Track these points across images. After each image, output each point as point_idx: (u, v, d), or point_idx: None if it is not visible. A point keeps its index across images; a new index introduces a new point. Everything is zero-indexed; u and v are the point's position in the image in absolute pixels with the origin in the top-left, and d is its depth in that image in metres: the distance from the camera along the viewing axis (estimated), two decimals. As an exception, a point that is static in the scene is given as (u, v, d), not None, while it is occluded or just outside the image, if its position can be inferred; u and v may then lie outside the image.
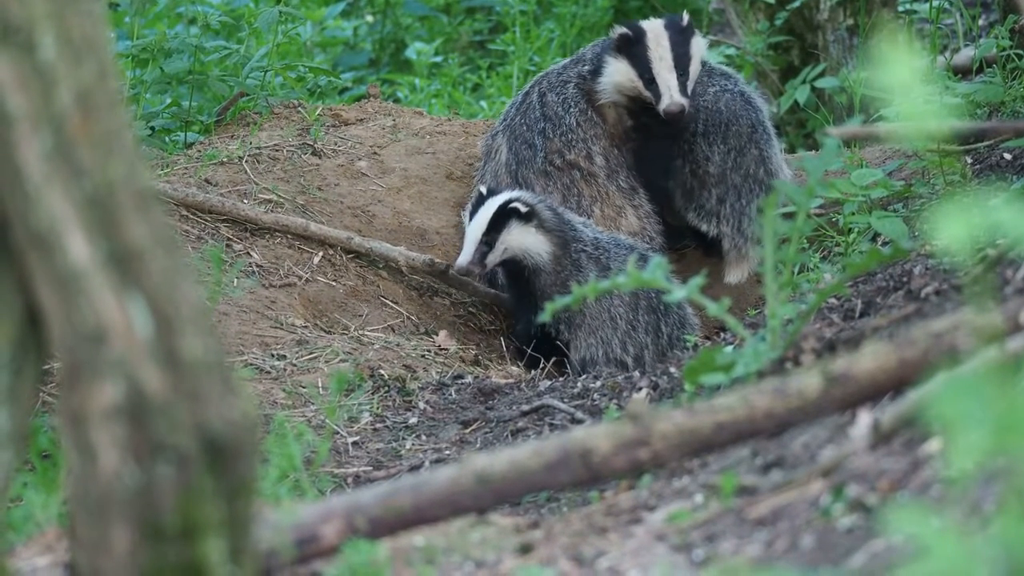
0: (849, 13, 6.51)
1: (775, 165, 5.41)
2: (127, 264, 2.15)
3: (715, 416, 2.64)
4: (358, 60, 7.99)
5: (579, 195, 5.40)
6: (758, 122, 5.42)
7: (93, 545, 2.18)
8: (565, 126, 5.43)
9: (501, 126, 5.52)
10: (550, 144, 5.42)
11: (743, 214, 5.43)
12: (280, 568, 2.49)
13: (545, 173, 5.40)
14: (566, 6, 7.53)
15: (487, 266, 4.98)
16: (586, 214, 5.33)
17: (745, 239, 5.44)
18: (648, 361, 4.93)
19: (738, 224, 5.43)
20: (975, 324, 2.76)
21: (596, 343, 4.99)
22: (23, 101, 2.13)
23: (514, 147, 5.44)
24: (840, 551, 2.36)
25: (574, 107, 5.45)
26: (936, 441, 2.58)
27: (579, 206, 5.37)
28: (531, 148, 5.41)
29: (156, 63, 5.68)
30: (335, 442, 4.12)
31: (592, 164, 5.43)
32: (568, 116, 5.43)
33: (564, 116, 5.44)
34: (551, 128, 5.43)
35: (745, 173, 5.42)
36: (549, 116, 5.45)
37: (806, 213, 3.39)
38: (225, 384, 2.19)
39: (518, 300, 5.11)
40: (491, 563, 2.67)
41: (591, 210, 5.38)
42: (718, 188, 5.44)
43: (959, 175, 4.90)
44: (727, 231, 5.45)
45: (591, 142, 5.44)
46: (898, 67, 1.77)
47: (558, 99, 5.47)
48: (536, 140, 5.42)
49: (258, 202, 5.29)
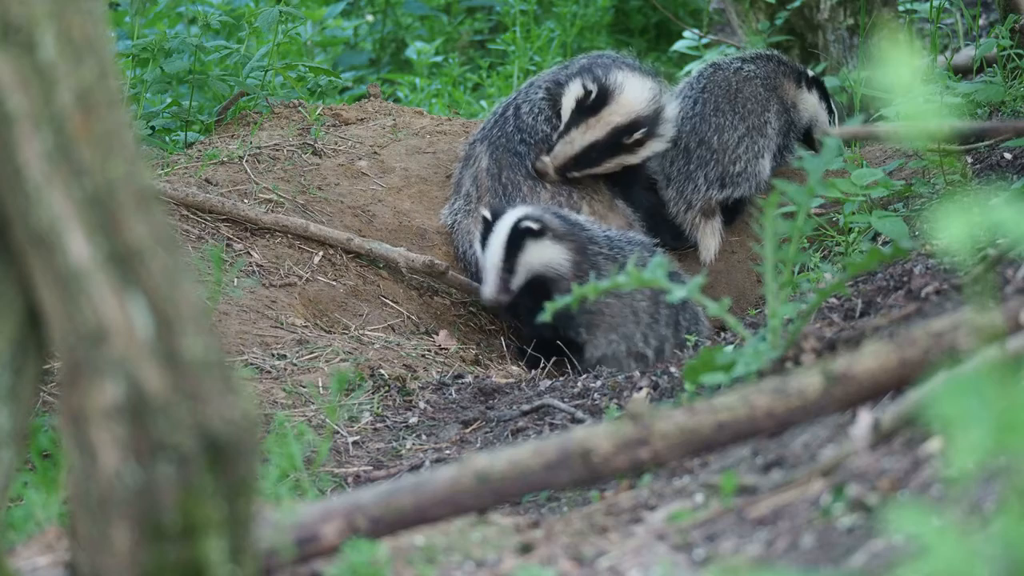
0: (849, 13, 6.51)
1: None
2: (127, 264, 2.15)
3: (715, 416, 2.64)
4: (358, 60, 7.98)
5: (568, 193, 5.39)
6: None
7: (94, 544, 2.18)
8: (542, 134, 5.43)
9: (480, 135, 5.53)
10: (533, 150, 5.42)
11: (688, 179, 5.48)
12: (280, 567, 2.49)
13: (531, 176, 5.39)
14: (566, 6, 7.53)
15: (513, 291, 4.95)
16: (575, 209, 5.32)
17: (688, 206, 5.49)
18: (668, 353, 4.93)
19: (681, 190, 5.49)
20: (975, 324, 2.76)
21: (618, 339, 4.98)
22: (23, 101, 2.13)
23: (495, 155, 5.43)
24: (840, 550, 2.36)
25: (542, 116, 5.45)
26: (936, 441, 2.59)
27: (569, 202, 5.35)
28: (516, 156, 5.41)
29: (156, 63, 5.67)
30: (335, 442, 4.12)
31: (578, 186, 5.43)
32: (540, 125, 5.43)
33: (536, 125, 5.44)
34: (528, 136, 5.44)
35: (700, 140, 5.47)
36: (523, 128, 5.45)
37: (806, 213, 3.39)
38: (225, 384, 2.19)
39: (534, 307, 5.10)
40: (491, 562, 2.67)
41: (580, 206, 5.37)
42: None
43: (959, 175, 4.90)
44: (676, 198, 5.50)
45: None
46: (898, 67, 1.77)
47: (529, 110, 5.47)
48: (519, 148, 5.42)
49: (258, 202, 5.29)
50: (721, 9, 7.86)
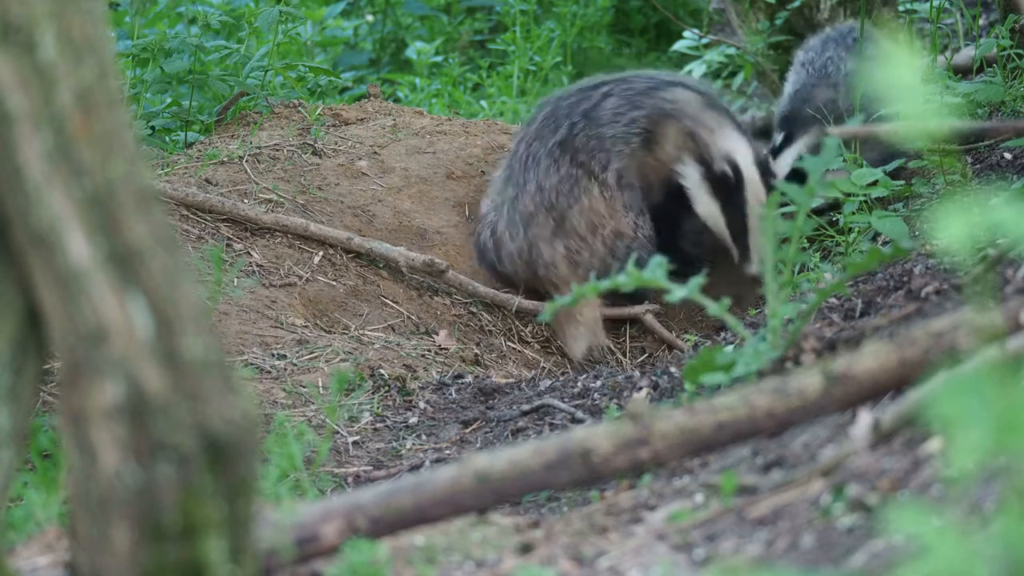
0: (849, 13, 6.51)
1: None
2: (127, 264, 2.15)
3: (715, 416, 2.64)
4: (358, 60, 7.98)
5: (575, 181, 5.31)
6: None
7: (93, 544, 2.18)
8: (600, 135, 5.34)
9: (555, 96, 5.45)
10: (571, 139, 5.32)
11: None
12: (280, 567, 2.49)
13: (552, 155, 5.32)
14: (566, 6, 7.53)
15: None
16: (572, 199, 5.28)
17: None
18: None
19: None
20: (975, 323, 2.76)
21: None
22: (23, 101, 2.13)
23: (546, 119, 5.36)
24: (840, 550, 2.36)
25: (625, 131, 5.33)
26: (936, 440, 2.59)
27: (571, 192, 5.29)
28: (554, 130, 5.34)
29: (156, 63, 5.67)
30: (335, 442, 4.12)
31: (605, 172, 5.35)
32: (609, 129, 5.36)
33: (605, 127, 5.36)
34: (585, 124, 5.34)
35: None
36: (592, 116, 5.38)
37: (806, 213, 3.39)
38: (225, 384, 2.19)
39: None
40: (491, 562, 2.67)
41: (580, 198, 5.30)
42: None
43: (959, 175, 4.89)
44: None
45: (614, 160, 5.35)
46: (898, 67, 1.77)
47: (613, 106, 5.33)
48: (563, 124, 5.33)
49: (258, 202, 5.29)
50: (721, 9, 7.85)
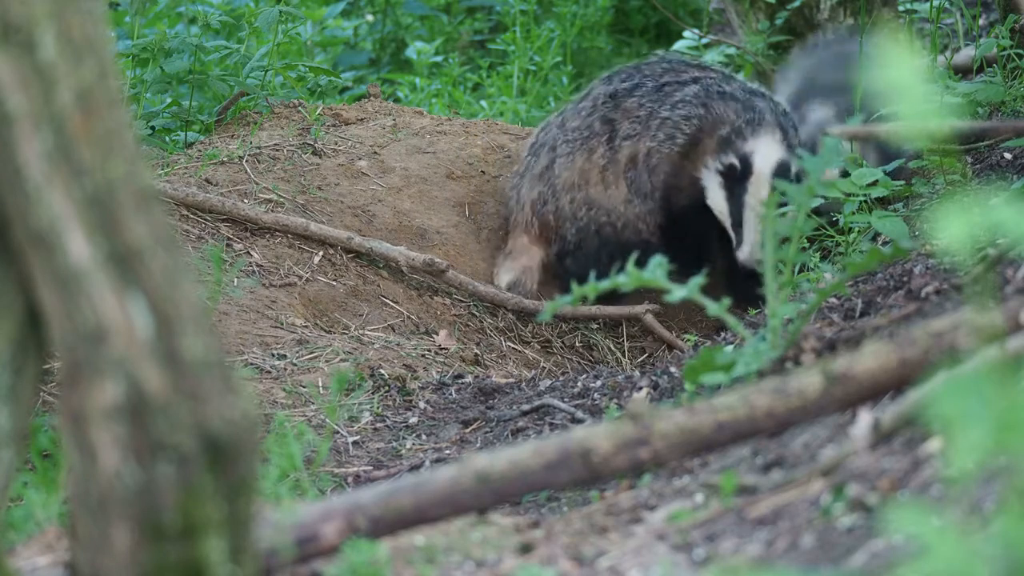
0: (849, 12, 6.51)
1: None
2: (127, 263, 2.15)
3: (715, 415, 2.64)
4: (358, 60, 7.98)
5: (589, 134, 5.31)
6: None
7: (93, 544, 2.18)
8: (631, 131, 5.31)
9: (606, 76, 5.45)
10: (627, 98, 5.31)
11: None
12: (280, 567, 2.49)
13: (596, 101, 5.31)
14: (566, 6, 7.53)
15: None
16: (571, 148, 5.29)
17: None
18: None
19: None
20: (975, 323, 2.76)
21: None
22: (23, 101, 2.13)
23: (578, 106, 5.38)
24: (840, 550, 2.36)
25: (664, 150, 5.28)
26: (936, 440, 2.58)
27: (575, 141, 5.28)
28: (623, 80, 5.34)
29: (156, 63, 5.67)
30: (335, 442, 4.12)
31: (621, 144, 5.32)
32: (666, 111, 5.30)
33: (664, 108, 5.30)
34: (650, 92, 5.33)
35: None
36: (664, 91, 5.32)
37: (806, 213, 3.39)
38: (225, 383, 2.19)
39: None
40: (491, 562, 2.67)
41: (575, 152, 5.30)
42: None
43: (959, 175, 4.89)
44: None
45: (644, 139, 5.33)
46: (898, 67, 1.77)
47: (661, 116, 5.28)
48: (596, 119, 5.35)
49: (258, 202, 5.29)
50: (721, 9, 7.85)
